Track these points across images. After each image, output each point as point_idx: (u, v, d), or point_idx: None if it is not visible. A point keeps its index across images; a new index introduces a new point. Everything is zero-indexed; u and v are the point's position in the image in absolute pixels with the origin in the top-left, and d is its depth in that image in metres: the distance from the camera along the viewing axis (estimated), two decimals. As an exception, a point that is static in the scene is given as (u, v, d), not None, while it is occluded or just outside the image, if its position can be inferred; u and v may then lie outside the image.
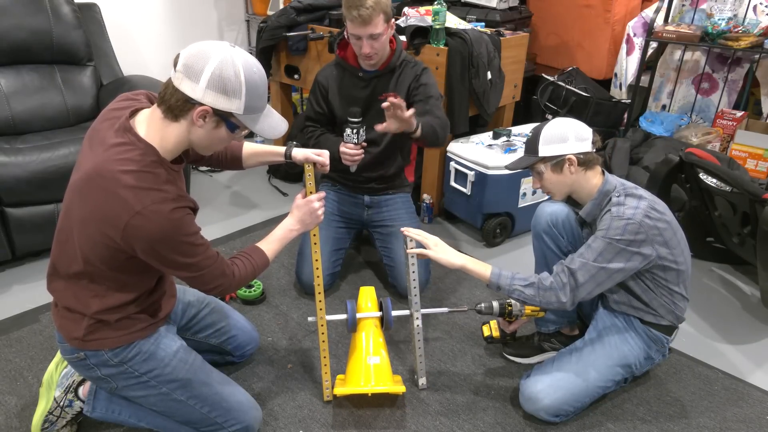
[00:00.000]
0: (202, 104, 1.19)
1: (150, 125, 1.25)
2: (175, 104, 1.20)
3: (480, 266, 1.64)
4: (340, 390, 1.67)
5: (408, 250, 1.70)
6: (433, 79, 2.17)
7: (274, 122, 1.32)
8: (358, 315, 1.74)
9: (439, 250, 1.66)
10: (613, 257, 1.54)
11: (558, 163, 1.64)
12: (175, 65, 1.20)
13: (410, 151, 2.50)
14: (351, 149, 1.97)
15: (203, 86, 1.17)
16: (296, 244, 2.31)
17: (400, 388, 1.68)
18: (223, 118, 1.23)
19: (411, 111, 1.80)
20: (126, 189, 1.17)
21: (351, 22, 1.94)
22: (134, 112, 1.28)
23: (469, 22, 2.96)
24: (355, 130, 1.94)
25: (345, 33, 2.08)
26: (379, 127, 1.86)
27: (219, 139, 1.29)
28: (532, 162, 1.67)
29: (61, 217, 1.32)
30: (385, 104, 1.76)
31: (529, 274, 1.62)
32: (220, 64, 1.17)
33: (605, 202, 1.65)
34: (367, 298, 1.80)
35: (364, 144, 1.99)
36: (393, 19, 2.02)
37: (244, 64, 1.20)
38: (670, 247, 1.59)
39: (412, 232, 1.69)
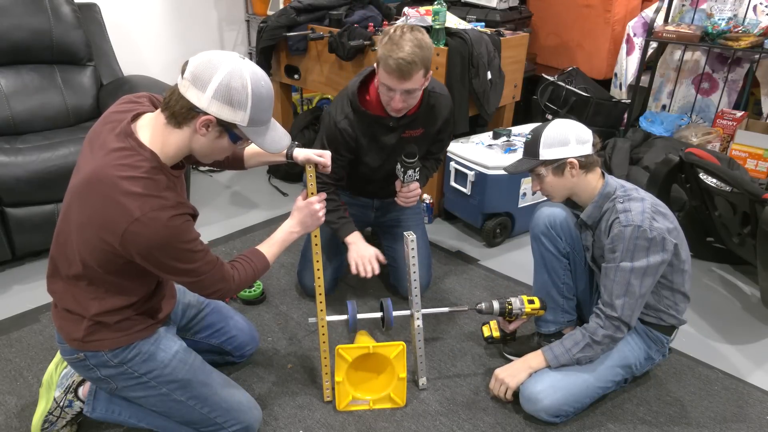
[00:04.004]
0: (206, 113, 1.19)
1: (152, 130, 1.25)
2: (179, 111, 1.20)
3: (538, 361, 1.69)
4: (344, 347, 1.67)
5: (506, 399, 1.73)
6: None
7: (277, 136, 1.31)
8: (358, 316, 1.74)
9: (511, 378, 1.70)
10: (641, 279, 1.56)
11: (559, 166, 1.64)
12: (182, 72, 1.19)
13: None
14: (412, 188, 1.96)
15: (209, 95, 1.17)
16: (299, 246, 2.31)
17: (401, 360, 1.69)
18: (226, 128, 1.23)
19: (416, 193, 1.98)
20: (125, 195, 1.17)
21: (386, 72, 1.72)
22: (136, 116, 1.28)
23: (469, 22, 2.95)
24: (417, 169, 1.89)
25: (376, 79, 1.84)
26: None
27: (221, 149, 1.28)
28: (533, 165, 1.67)
29: (60, 220, 1.32)
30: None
31: (574, 336, 1.65)
32: (229, 74, 1.17)
33: (606, 204, 1.65)
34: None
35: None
36: (430, 72, 1.82)
37: (252, 76, 1.20)
38: (676, 246, 1.60)
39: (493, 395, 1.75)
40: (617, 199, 1.62)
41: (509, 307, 1.76)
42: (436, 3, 2.46)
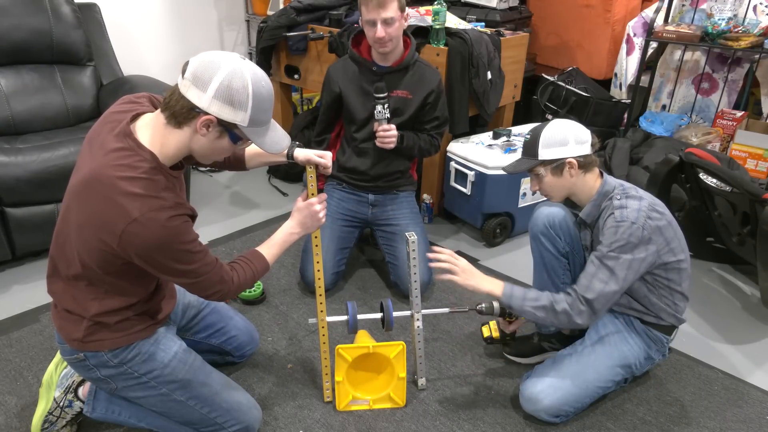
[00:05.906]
0: (207, 113, 1.19)
1: (151, 131, 1.24)
2: (179, 111, 1.20)
3: (493, 287, 1.64)
4: (344, 347, 1.67)
5: (438, 276, 1.67)
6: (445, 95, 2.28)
7: (277, 137, 1.31)
8: (359, 316, 1.74)
9: (467, 275, 1.64)
10: (626, 272, 1.55)
11: (558, 166, 1.64)
12: (183, 72, 1.19)
13: None
14: (387, 128, 2.05)
15: (210, 95, 1.17)
16: (299, 245, 2.31)
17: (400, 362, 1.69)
18: (226, 128, 1.23)
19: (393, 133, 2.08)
20: (123, 196, 1.17)
21: (366, 6, 1.99)
22: (136, 117, 1.27)
23: (469, 22, 2.95)
24: (386, 105, 2.01)
25: (360, 21, 2.12)
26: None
27: (221, 150, 1.28)
28: (531, 165, 1.67)
29: (59, 220, 1.32)
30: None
31: (540, 294, 1.60)
32: (230, 75, 1.17)
33: (604, 203, 1.65)
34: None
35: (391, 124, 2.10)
36: (407, 12, 2.07)
37: (253, 76, 1.20)
38: (671, 247, 1.60)
39: (443, 257, 1.66)
40: (615, 196, 1.62)
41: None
42: (436, 3, 2.46)
